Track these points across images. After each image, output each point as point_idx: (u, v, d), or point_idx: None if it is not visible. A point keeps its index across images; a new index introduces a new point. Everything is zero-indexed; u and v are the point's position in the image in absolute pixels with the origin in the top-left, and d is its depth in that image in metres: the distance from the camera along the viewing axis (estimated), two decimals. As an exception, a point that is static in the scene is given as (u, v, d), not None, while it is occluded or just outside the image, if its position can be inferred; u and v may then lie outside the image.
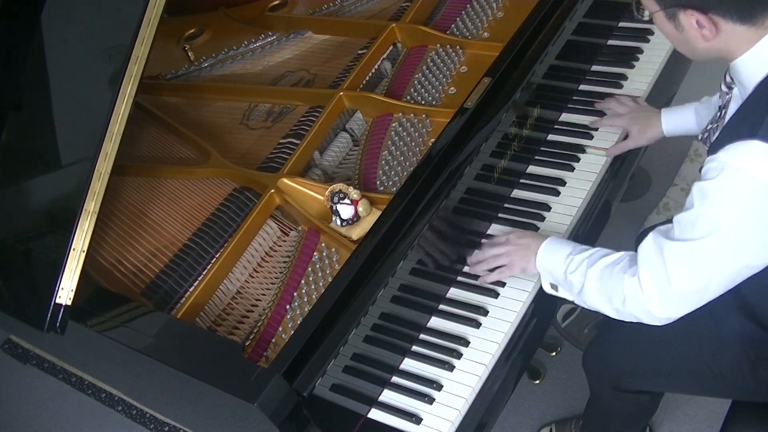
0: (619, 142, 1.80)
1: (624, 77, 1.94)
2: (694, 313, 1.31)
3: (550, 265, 1.48)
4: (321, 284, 1.51)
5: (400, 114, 1.77)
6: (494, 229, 1.69)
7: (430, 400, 1.44)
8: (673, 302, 1.30)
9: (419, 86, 1.83)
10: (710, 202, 1.21)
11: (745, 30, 1.23)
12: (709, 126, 1.46)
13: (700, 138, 1.50)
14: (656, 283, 1.29)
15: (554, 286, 1.51)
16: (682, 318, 1.32)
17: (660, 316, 1.32)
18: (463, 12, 1.99)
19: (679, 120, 1.74)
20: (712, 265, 1.24)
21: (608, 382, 1.69)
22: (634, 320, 1.36)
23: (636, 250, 1.35)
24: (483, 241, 1.65)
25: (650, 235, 1.32)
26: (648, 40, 2.02)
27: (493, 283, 1.59)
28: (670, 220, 1.31)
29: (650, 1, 1.29)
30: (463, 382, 1.46)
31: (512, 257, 1.54)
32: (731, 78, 1.36)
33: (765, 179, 1.16)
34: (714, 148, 1.24)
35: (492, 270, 1.58)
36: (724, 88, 1.41)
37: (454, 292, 1.61)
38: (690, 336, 1.54)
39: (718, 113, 1.43)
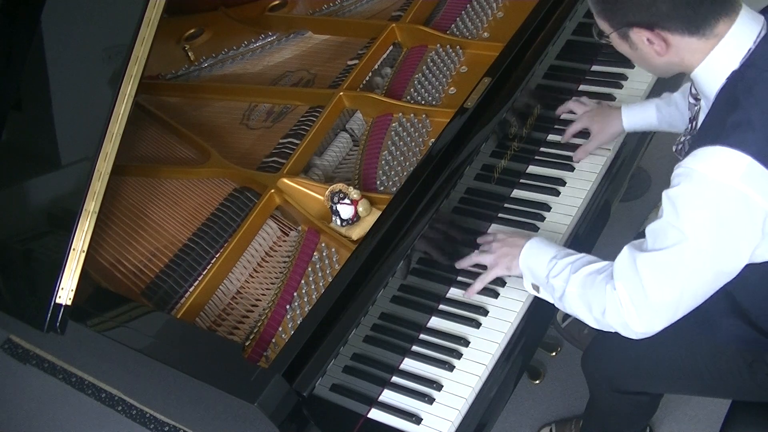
0: (584, 144, 1.80)
1: (624, 77, 1.95)
2: (689, 318, 1.31)
3: (533, 264, 1.47)
4: (321, 284, 1.51)
5: (400, 114, 1.77)
6: (494, 228, 1.69)
7: (430, 400, 1.44)
8: (649, 314, 1.28)
9: (419, 86, 1.83)
10: (678, 209, 1.21)
11: (695, 41, 1.23)
12: (683, 138, 1.46)
13: (674, 149, 1.50)
14: (632, 296, 1.28)
15: (536, 287, 1.50)
16: (677, 323, 1.31)
17: (637, 329, 1.31)
18: (463, 12, 1.99)
19: (640, 116, 1.74)
20: (684, 274, 1.23)
21: (607, 383, 1.69)
22: (612, 331, 1.35)
23: None
24: (479, 239, 1.64)
25: (625, 249, 1.31)
26: (648, 40, 2.02)
27: (493, 283, 1.58)
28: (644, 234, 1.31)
29: (604, 24, 1.31)
30: (463, 382, 1.46)
31: (497, 256, 1.53)
32: (696, 89, 1.37)
33: (728, 183, 1.16)
34: (684, 154, 1.25)
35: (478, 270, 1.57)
36: (691, 100, 1.42)
37: (454, 292, 1.61)
38: (687, 339, 1.53)
39: (690, 126, 1.44)
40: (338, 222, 1.58)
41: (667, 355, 1.57)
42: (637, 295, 1.27)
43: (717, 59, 1.24)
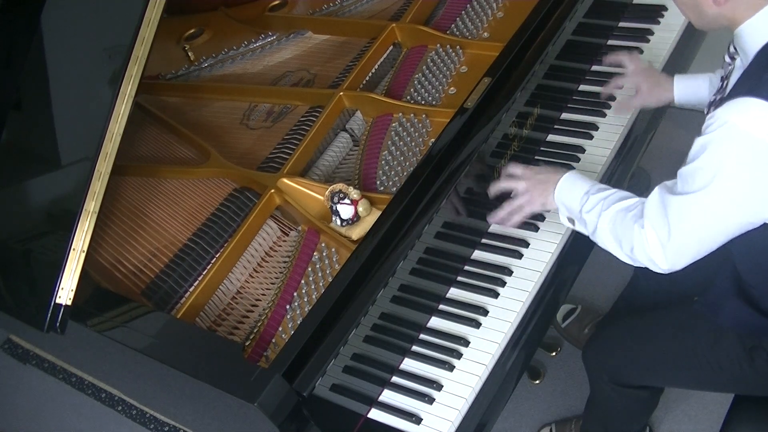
0: (629, 99, 1.80)
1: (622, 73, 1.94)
2: (696, 301, 1.33)
3: (568, 199, 1.49)
4: (321, 284, 1.51)
5: (400, 114, 1.77)
6: (495, 228, 1.69)
7: (430, 400, 1.44)
8: (674, 253, 1.32)
9: (419, 86, 1.83)
10: (707, 155, 1.24)
11: None
12: (713, 98, 1.47)
13: (706, 111, 1.51)
14: (659, 236, 1.32)
15: (571, 220, 1.52)
16: (680, 309, 1.34)
17: (663, 267, 1.35)
18: (463, 12, 1.99)
19: (693, 87, 1.74)
20: (707, 218, 1.27)
21: (608, 376, 1.70)
22: (642, 266, 1.39)
23: None
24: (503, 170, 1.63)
25: (656, 190, 1.35)
26: (648, 40, 2.02)
27: (493, 283, 1.58)
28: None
29: None
30: (463, 382, 1.46)
31: (531, 193, 1.54)
32: (735, 48, 1.39)
33: (759, 135, 1.19)
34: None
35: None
36: (727, 59, 1.43)
37: (454, 292, 1.61)
38: (687, 328, 1.55)
39: (721, 84, 1.46)
40: (338, 222, 1.58)
41: (667, 345, 1.58)
42: (663, 235, 1.31)
43: (766, 16, 1.26)
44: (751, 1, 1.27)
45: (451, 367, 1.48)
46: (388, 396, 1.47)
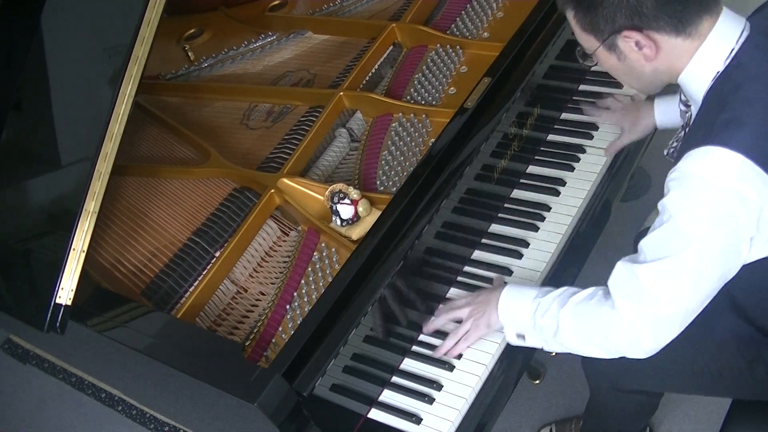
0: (615, 141, 1.80)
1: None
2: None
3: (515, 311, 1.42)
4: (321, 284, 1.51)
5: (400, 114, 1.77)
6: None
7: (430, 400, 1.44)
8: (659, 327, 1.27)
9: (419, 86, 1.83)
10: (676, 216, 1.20)
11: (681, 42, 1.23)
12: (674, 143, 1.46)
13: (665, 153, 1.50)
14: (638, 312, 1.26)
15: (521, 336, 1.44)
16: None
17: (647, 345, 1.29)
18: (463, 12, 1.99)
19: (672, 110, 1.71)
20: (690, 279, 1.22)
21: (608, 382, 1.69)
22: (619, 356, 1.33)
23: (635, 251, 1.34)
24: (440, 306, 1.57)
25: (618, 265, 1.29)
26: (648, 40, 2.02)
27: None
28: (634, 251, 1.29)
29: (589, 40, 1.29)
30: (463, 382, 1.46)
31: (474, 317, 1.47)
32: (685, 95, 1.37)
33: (723, 182, 1.16)
34: (676, 162, 1.24)
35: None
36: (682, 107, 1.42)
37: (454, 293, 1.61)
38: (687, 338, 1.53)
39: (681, 132, 1.44)
40: (338, 222, 1.58)
41: (666, 353, 1.57)
42: (644, 309, 1.25)
43: (702, 60, 1.24)
44: (681, 50, 1.24)
45: (451, 367, 1.48)
46: (388, 396, 1.47)
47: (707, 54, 1.24)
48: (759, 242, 1.23)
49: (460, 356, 1.49)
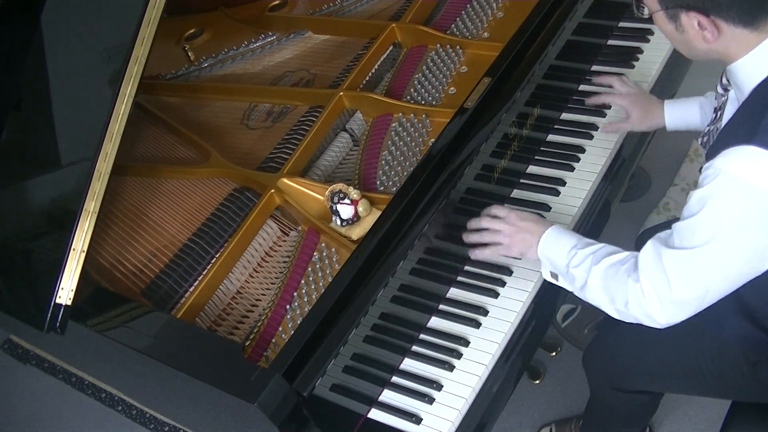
0: (619, 122, 1.78)
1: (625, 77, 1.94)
2: (695, 315, 1.31)
3: (553, 254, 1.46)
4: (321, 284, 1.51)
5: (400, 114, 1.77)
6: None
7: (430, 400, 1.44)
8: (673, 308, 1.29)
9: (419, 86, 1.83)
10: (707, 210, 1.21)
11: (746, 33, 1.23)
12: (707, 129, 1.45)
13: (700, 142, 1.49)
14: (657, 290, 1.28)
15: (554, 275, 1.49)
16: (681, 322, 1.32)
17: (661, 321, 1.31)
18: (463, 12, 1.99)
19: (683, 114, 1.72)
20: (710, 273, 1.24)
21: (608, 382, 1.69)
22: (636, 322, 1.36)
23: (636, 251, 1.35)
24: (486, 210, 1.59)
25: (649, 242, 1.31)
26: (648, 40, 2.02)
27: (493, 283, 1.58)
28: (670, 225, 1.31)
29: (652, 0, 1.29)
30: (463, 382, 1.46)
31: (512, 239, 1.50)
32: (728, 80, 1.36)
33: (761, 186, 1.16)
34: (711, 154, 1.24)
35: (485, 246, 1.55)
36: (720, 90, 1.40)
37: (454, 292, 1.61)
38: (690, 338, 1.53)
39: (714, 115, 1.43)
40: (338, 222, 1.58)
41: (668, 354, 1.57)
42: (662, 289, 1.27)
43: (763, 54, 1.23)
44: (744, 40, 1.24)
45: (451, 367, 1.48)
46: (388, 396, 1.47)
47: None
48: None
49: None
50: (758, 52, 1.24)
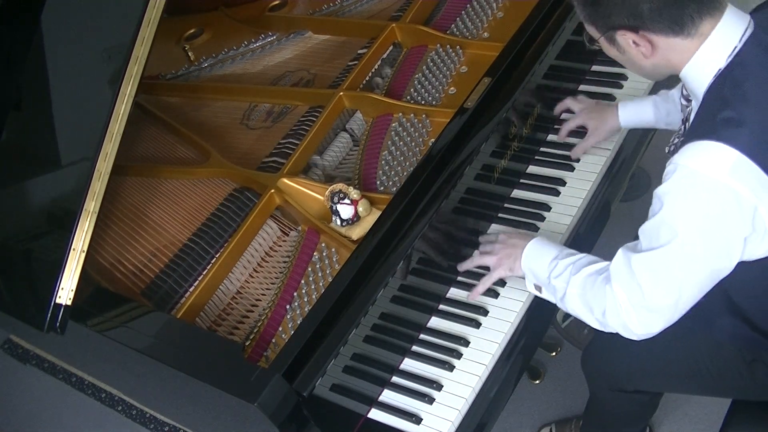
0: (581, 142, 1.79)
1: (624, 77, 1.94)
2: (687, 316, 1.31)
3: (535, 266, 1.47)
4: (321, 284, 1.51)
5: (400, 114, 1.77)
6: (494, 228, 1.69)
7: (430, 400, 1.44)
8: (647, 316, 1.29)
9: (419, 86, 1.83)
10: (668, 206, 1.21)
11: (680, 41, 1.24)
12: (675, 140, 1.46)
13: (667, 151, 1.50)
14: (629, 297, 1.28)
15: (538, 288, 1.49)
16: (677, 322, 1.31)
17: (637, 331, 1.31)
18: (463, 12, 1.99)
19: (636, 112, 1.74)
20: (678, 272, 1.24)
21: (607, 382, 1.69)
22: (613, 331, 1.35)
23: None
24: (480, 238, 1.64)
25: (619, 251, 1.31)
26: (648, 40, 2.02)
27: (493, 283, 1.58)
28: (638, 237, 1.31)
29: (592, 29, 1.32)
30: (463, 382, 1.46)
31: (499, 256, 1.53)
32: (686, 90, 1.38)
33: (716, 177, 1.16)
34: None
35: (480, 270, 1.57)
36: (683, 101, 1.42)
37: (454, 292, 1.61)
38: (687, 338, 1.54)
39: (682, 127, 1.45)
40: (338, 222, 1.58)
41: (666, 354, 1.57)
42: (635, 297, 1.27)
43: (703, 58, 1.24)
44: (681, 48, 1.24)
45: (451, 367, 1.48)
46: (388, 396, 1.47)
47: (709, 52, 1.24)
48: (755, 242, 1.23)
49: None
50: (698, 57, 1.25)
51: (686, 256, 1.22)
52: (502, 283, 1.59)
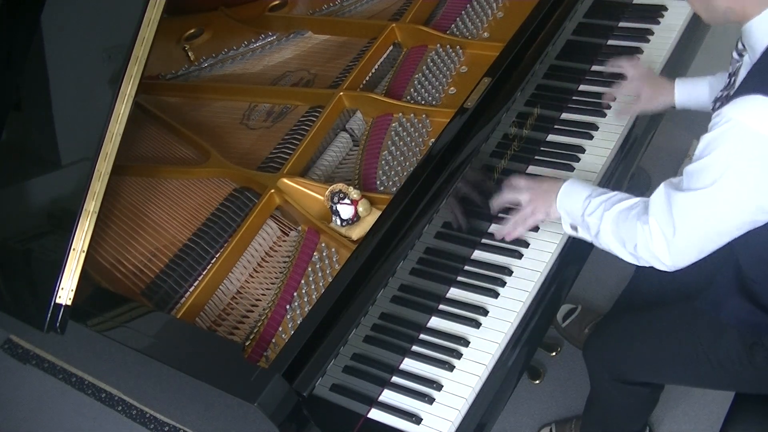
0: (630, 104, 1.80)
1: (624, 77, 1.94)
2: (697, 297, 1.34)
3: (570, 206, 1.50)
4: (321, 284, 1.51)
5: (400, 114, 1.77)
6: (495, 227, 1.69)
7: (430, 400, 1.44)
8: (678, 250, 1.33)
9: (419, 86, 1.83)
10: (714, 154, 1.24)
11: None
12: (720, 94, 1.47)
13: (712, 107, 1.51)
14: (664, 232, 1.32)
15: (574, 227, 1.52)
16: (681, 306, 1.34)
17: (667, 262, 1.35)
18: (463, 12, 1.99)
19: (693, 91, 1.74)
20: (712, 216, 1.28)
21: (608, 373, 1.70)
22: (647, 265, 1.39)
23: None
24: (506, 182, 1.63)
25: (661, 186, 1.35)
26: (648, 40, 2.02)
27: (493, 283, 1.58)
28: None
29: None
30: (463, 382, 1.46)
31: (535, 203, 1.55)
32: (743, 45, 1.39)
33: (764, 133, 1.19)
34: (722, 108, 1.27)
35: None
36: (735, 55, 1.43)
37: (454, 292, 1.61)
38: (688, 324, 1.55)
39: (728, 81, 1.46)
40: (338, 222, 1.58)
41: (668, 341, 1.58)
42: (668, 231, 1.31)
43: None
44: None
45: (451, 367, 1.48)
46: (388, 396, 1.47)
47: None
48: None
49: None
50: None
51: (722, 203, 1.26)
52: (502, 283, 1.59)
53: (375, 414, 1.45)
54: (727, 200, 1.25)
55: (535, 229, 1.67)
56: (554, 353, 2.25)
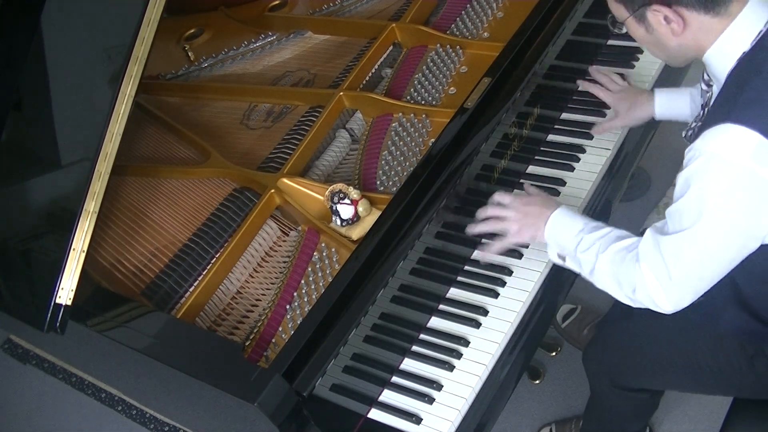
0: (608, 121, 1.79)
1: (624, 78, 1.94)
2: (692, 308, 1.33)
3: (560, 237, 1.47)
4: (321, 284, 1.51)
5: (400, 114, 1.77)
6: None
7: (430, 400, 1.44)
8: (675, 293, 1.31)
9: (419, 86, 1.83)
10: (692, 190, 1.23)
11: (710, 20, 1.26)
12: (693, 124, 1.47)
13: (684, 135, 1.51)
14: (657, 277, 1.30)
15: (561, 257, 1.49)
16: (680, 313, 1.33)
17: (666, 307, 1.33)
18: (463, 12, 1.99)
19: (672, 102, 1.73)
20: (702, 254, 1.26)
21: (608, 379, 1.70)
22: (644, 307, 1.37)
23: None
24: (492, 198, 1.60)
25: (648, 231, 1.33)
26: (648, 40, 2.02)
27: (493, 283, 1.58)
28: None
29: (620, 10, 1.34)
30: (463, 382, 1.46)
31: (521, 224, 1.51)
32: (708, 75, 1.39)
33: (738, 161, 1.18)
34: (693, 140, 1.26)
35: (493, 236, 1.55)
36: (703, 86, 1.43)
37: (454, 292, 1.61)
38: (688, 332, 1.54)
39: (701, 112, 1.45)
40: (338, 222, 1.58)
41: (667, 349, 1.58)
42: (662, 276, 1.29)
43: (729, 40, 1.26)
44: (710, 28, 1.26)
45: (451, 367, 1.48)
46: (388, 396, 1.47)
47: (734, 34, 1.26)
48: None
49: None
50: (724, 38, 1.27)
51: (711, 239, 1.24)
52: (502, 283, 1.59)
53: (375, 414, 1.45)
54: (715, 236, 1.23)
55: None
56: (554, 353, 2.25)
